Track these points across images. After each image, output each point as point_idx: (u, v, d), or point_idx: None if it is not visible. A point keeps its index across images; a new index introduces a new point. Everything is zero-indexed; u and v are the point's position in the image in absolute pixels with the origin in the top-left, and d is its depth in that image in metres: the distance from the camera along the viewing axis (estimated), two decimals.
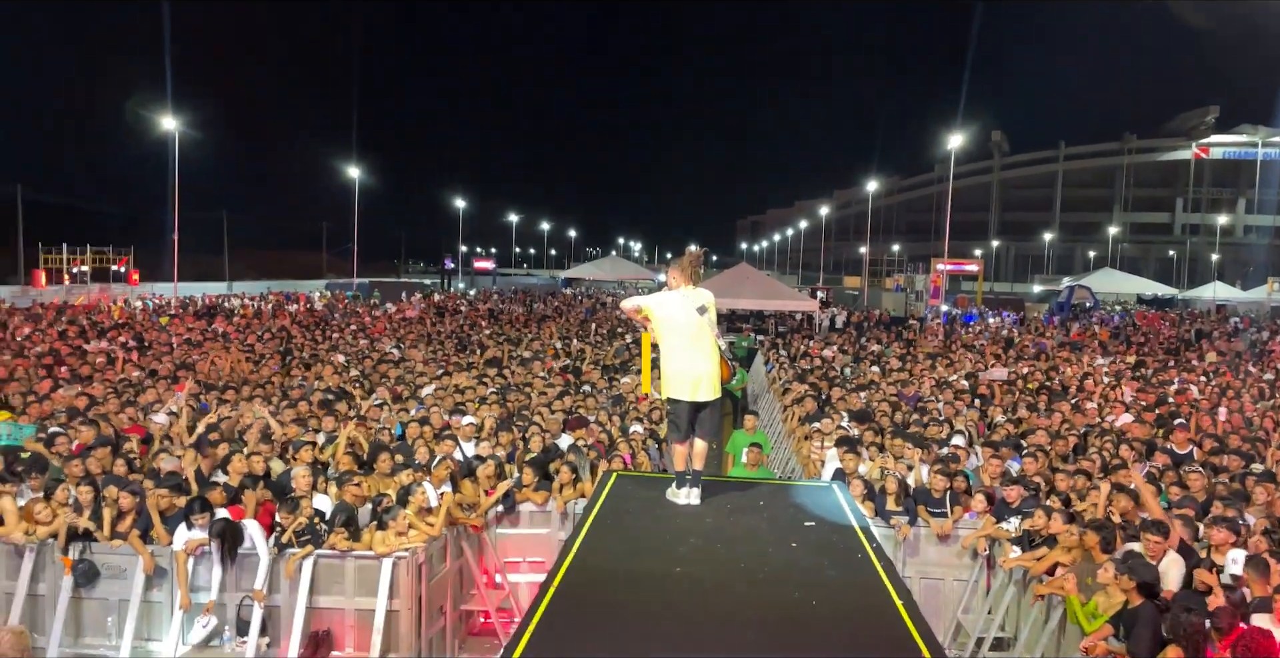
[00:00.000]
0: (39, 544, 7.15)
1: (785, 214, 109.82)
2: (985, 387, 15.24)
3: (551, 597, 4.39)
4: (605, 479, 6.84)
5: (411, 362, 16.34)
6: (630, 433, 10.63)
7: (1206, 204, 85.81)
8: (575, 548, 5.16)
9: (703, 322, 5.88)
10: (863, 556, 5.18)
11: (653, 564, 4.94)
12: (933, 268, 42.93)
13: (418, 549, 7.19)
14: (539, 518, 8.53)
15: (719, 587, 4.64)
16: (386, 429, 10.32)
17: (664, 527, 5.62)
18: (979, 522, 8.21)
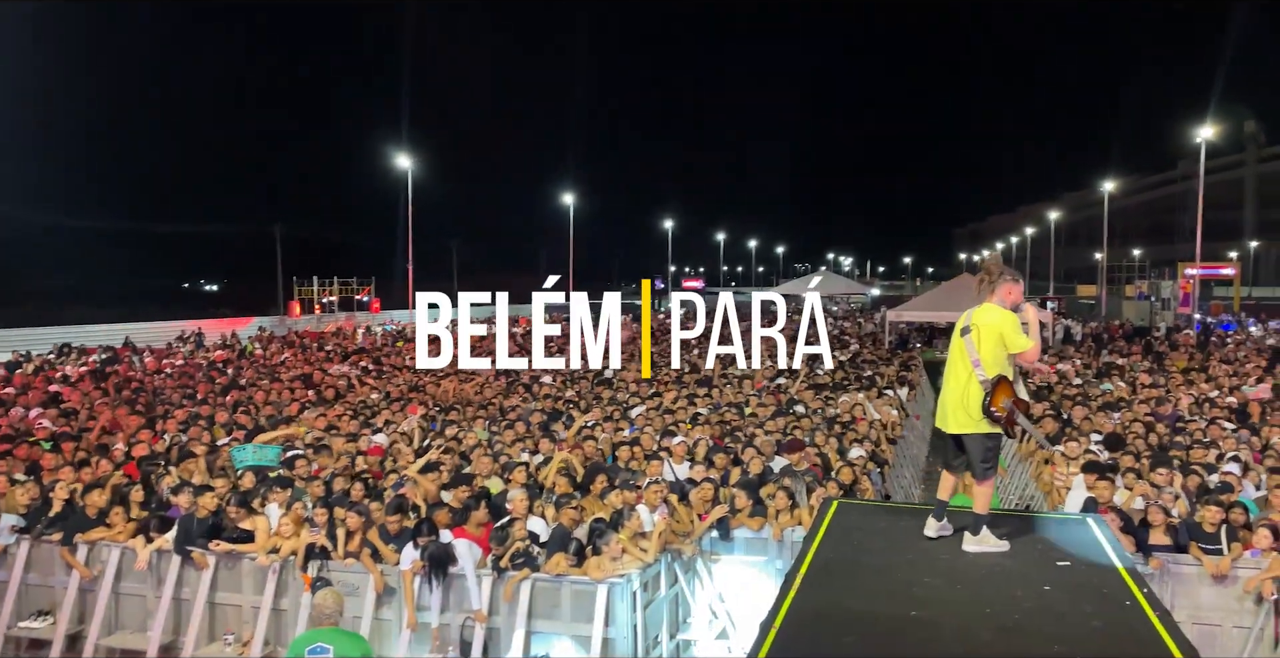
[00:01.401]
0: (281, 562, 7.58)
1: (1008, 220, 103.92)
2: (1254, 406, 13.47)
3: (772, 643, 4.06)
4: (825, 507, 6.43)
5: (623, 382, 16.46)
6: (852, 457, 10.11)
7: None
8: (796, 585, 4.81)
9: (960, 343, 5.30)
10: (1132, 603, 4.51)
11: (883, 606, 4.50)
12: (1180, 273, 39.13)
13: (633, 575, 7.04)
14: (755, 545, 8.19)
15: (961, 634, 4.15)
16: (600, 451, 10.34)
17: (894, 563, 5.15)
18: (1264, 561, 7.11)
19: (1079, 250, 79.44)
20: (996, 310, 5.22)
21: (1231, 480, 8.78)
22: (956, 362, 5.35)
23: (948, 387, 5.43)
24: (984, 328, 5.19)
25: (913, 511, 7.51)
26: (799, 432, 11.37)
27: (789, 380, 16.27)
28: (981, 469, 5.36)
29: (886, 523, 6.12)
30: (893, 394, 15.12)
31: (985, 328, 5.19)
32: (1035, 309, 5.44)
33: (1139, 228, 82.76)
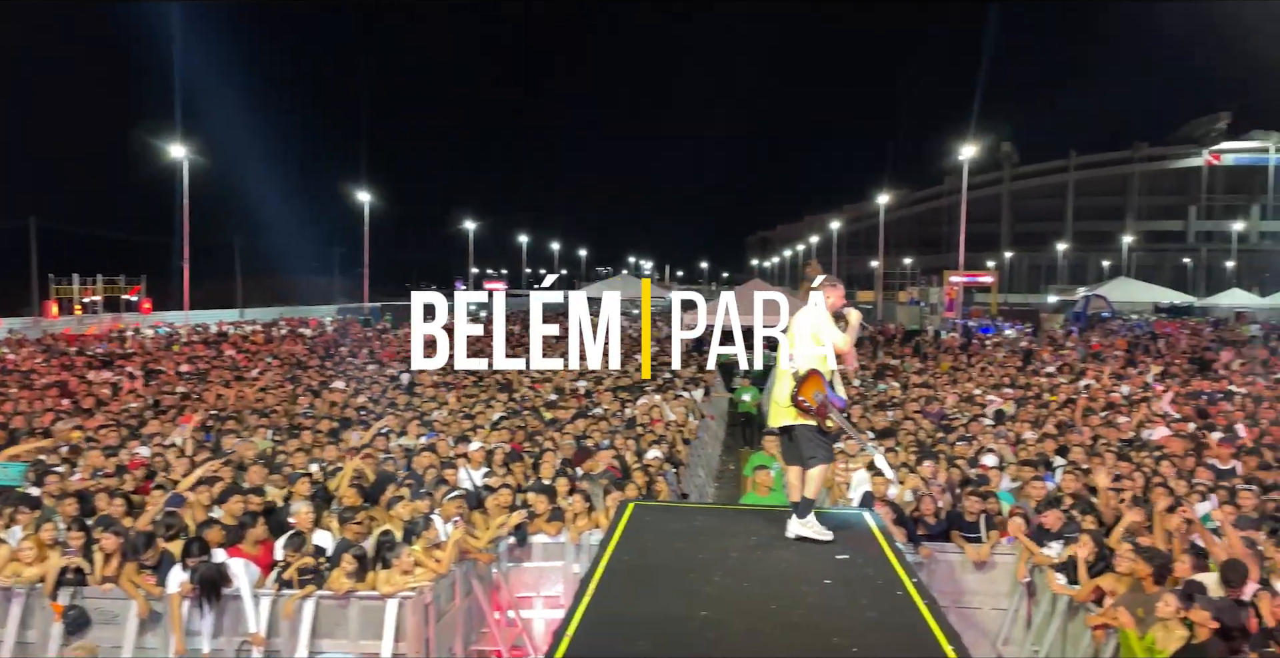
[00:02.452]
0: (28, 589, 6.79)
1: (795, 229, 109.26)
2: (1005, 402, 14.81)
3: (566, 649, 4.01)
4: (622, 510, 6.47)
5: (423, 386, 16.00)
6: (649, 459, 10.24)
7: (1220, 211, 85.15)
8: (591, 589, 4.79)
9: (781, 341, 5.76)
10: (903, 592, 4.79)
11: (675, 607, 4.55)
12: (946, 280, 42.50)
13: (425, 588, 6.80)
14: (552, 550, 8.14)
15: (749, 633, 4.26)
16: (393, 459, 9.95)
17: (688, 563, 5.23)
18: (1017, 546, 7.78)
19: (859, 258, 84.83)
20: (812, 310, 5.64)
21: (992, 474, 9.57)
22: (779, 360, 5.73)
23: (776, 382, 5.79)
24: (799, 324, 5.63)
25: (706, 510, 7.72)
26: (598, 433, 11.43)
27: (589, 383, 16.36)
28: (808, 459, 5.66)
29: (681, 524, 6.23)
30: (688, 396, 15.49)
31: (800, 325, 5.63)
32: (858, 314, 5.79)
33: (911, 238, 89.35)
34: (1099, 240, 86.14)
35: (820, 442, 5.72)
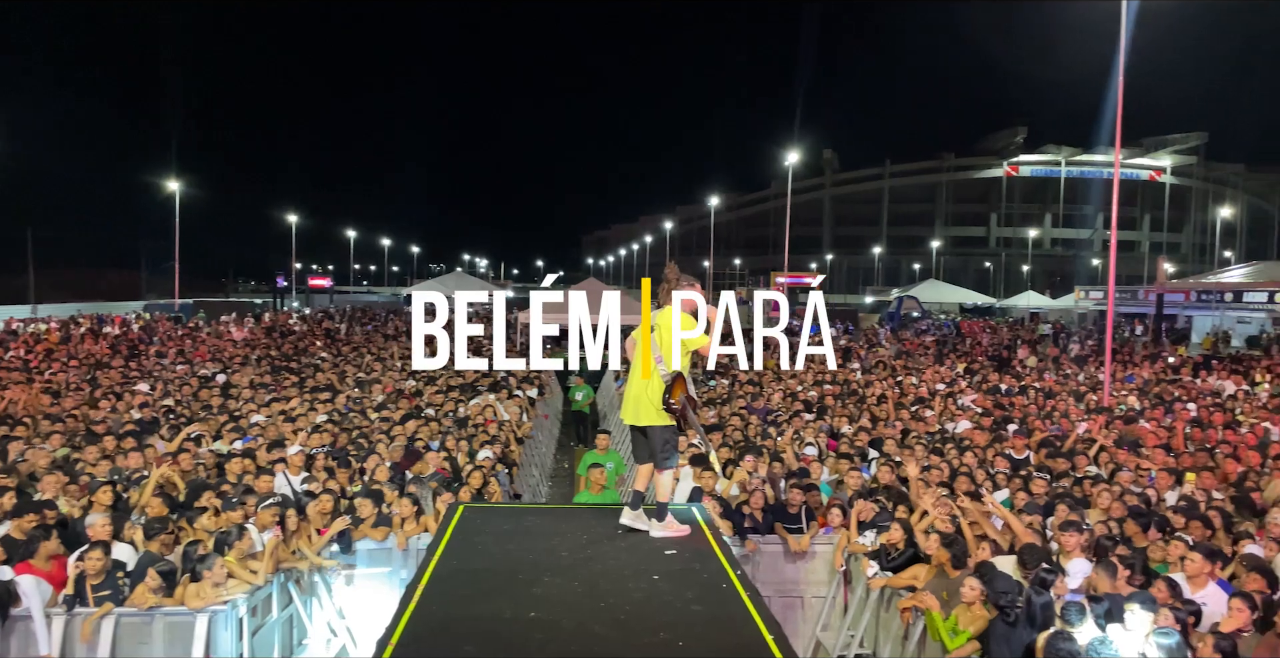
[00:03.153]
0: None
1: (630, 229, 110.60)
2: (827, 397, 15.52)
3: (390, 656, 3.89)
4: (451, 512, 6.34)
5: (238, 388, 15.18)
6: (481, 459, 10.10)
7: (1018, 219, 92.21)
8: (418, 595, 4.66)
9: (645, 342, 5.72)
10: (728, 585, 4.91)
11: (505, 609, 4.50)
12: (773, 280, 44.05)
13: (239, 601, 6.45)
14: (379, 556, 7.89)
15: (579, 632, 4.25)
16: (203, 465, 9.39)
17: (516, 565, 5.17)
18: (835, 536, 8.16)
19: (691, 258, 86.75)
20: (670, 310, 5.67)
21: (813, 466, 9.99)
22: (641, 358, 5.71)
23: (632, 383, 5.78)
24: (666, 327, 5.63)
25: (539, 510, 7.68)
26: (426, 432, 11.18)
27: (418, 383, 15.98)
28: (662, 459, 5.75)
29: (512, 525, 6.15)
30: (522, 395, 15.39)
31: (667, 327, 5.63)
32: (715, 310, 5.88)
33: (740, 239, 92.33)
34: (911, 244, 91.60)
35: (675, 444, 5.85)
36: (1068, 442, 11.13)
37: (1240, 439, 11.42)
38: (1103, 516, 7.79)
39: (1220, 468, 9.82)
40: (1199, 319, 38.76)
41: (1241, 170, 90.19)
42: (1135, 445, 11.02)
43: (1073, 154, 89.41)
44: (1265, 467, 10.08)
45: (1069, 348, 29.02)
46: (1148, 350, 27.86)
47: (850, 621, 7.73)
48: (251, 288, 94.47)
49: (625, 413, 5.93)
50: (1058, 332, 39.00)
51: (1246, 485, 9.21)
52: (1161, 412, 14.13)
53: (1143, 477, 9.42)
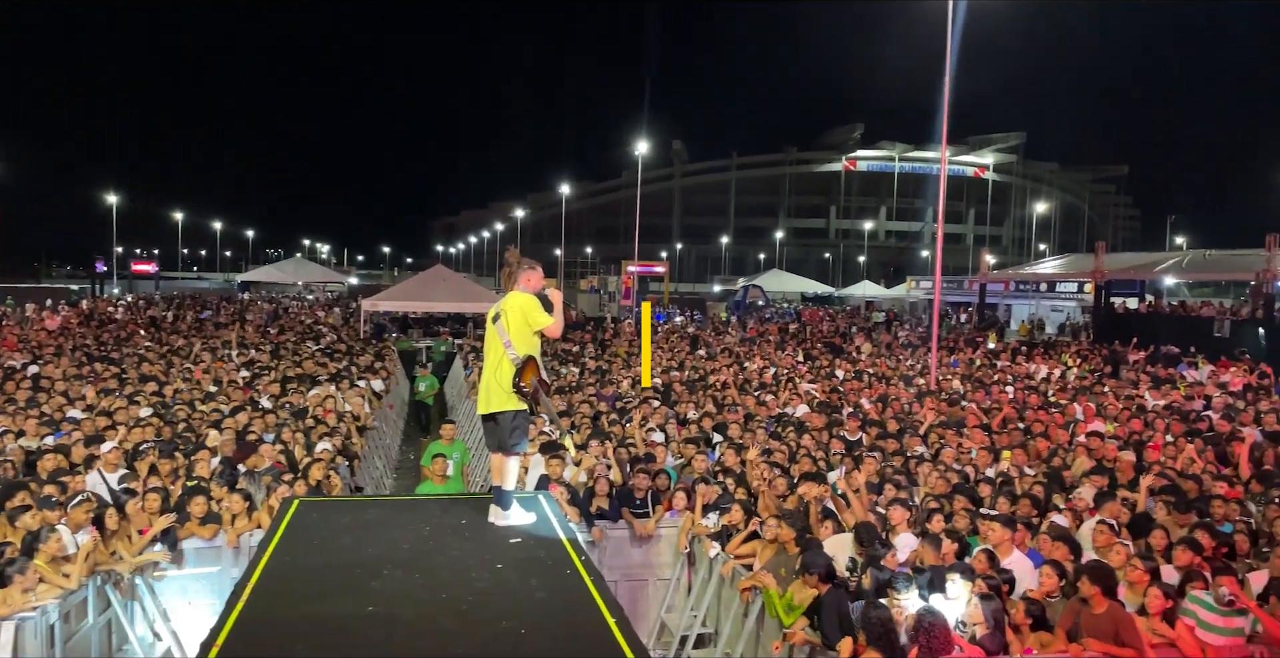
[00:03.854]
0: None
1: (480, 216, 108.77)
2: (674, 383, 15.80)
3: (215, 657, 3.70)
4: (286, 507, 6.09)
5: (50, 380, 14.05)
6: (318, 451, 9.74)
7: (855, 211, 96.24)
8: (247, 594, 4.45)
9: (493, 330, 5.68)
10: (572, 571, 4.92)
11: (341, 605, 4.35)
12: (624, 269, 44.37)
13: (50, 607, 5.99)
14: (207, 555, 7.50)
15: (419, 624, 4.16)
16: (11, 462, 8.66)
17: (357, 558, 5.02)
18: (680, 519, 8.30)
19: (542, 246, 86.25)
20: (520, 295, 5.65)
21: (659, 451, 10.14)
22: (491, 347, 5.69)
23: (485, 371, 5.74)
24: (511, 311, 5.59)
25: (378, 503, 7.47)
26: (261, 424, 10.69)
27: (253, 373, 15.25)
28: (510, 445, 5.70)
29: (350, 518, 5.97)
30: (365, 385, 14.93)
31: (512, 311, 5.59)
32: (558, 293, 5.90)
33: (592, 228, 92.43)
34: (756, 235, 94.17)
35: (524, 428, 5.81)
36: (893, 423, 11.75)
37: (1051, 419, 12.32)
38: (929, 492, 8.25)
39: (1033, 446, 10.56)
40: (1017, 307, 41.59)
41: (1056, 169, 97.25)
42: (958, 426, 11.72)
43: (906, 150, 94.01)
44: (1072, 444, 10.92)
45: (900, 335, 30.57)
46: (971, 337, 29.67)
47: (693, 601, 7.90)
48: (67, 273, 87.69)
49: (479, 402, 5.88)
50: (890, 320, 41.03)
51: (1055, 462, 9.94)
52: (982, 394, 15.08)
53: (964, 455, 10.03)
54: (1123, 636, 5.62)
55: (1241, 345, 23.38)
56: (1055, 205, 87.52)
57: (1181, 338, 24.87)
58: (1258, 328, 24.33)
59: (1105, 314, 30.67)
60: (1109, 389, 16.10)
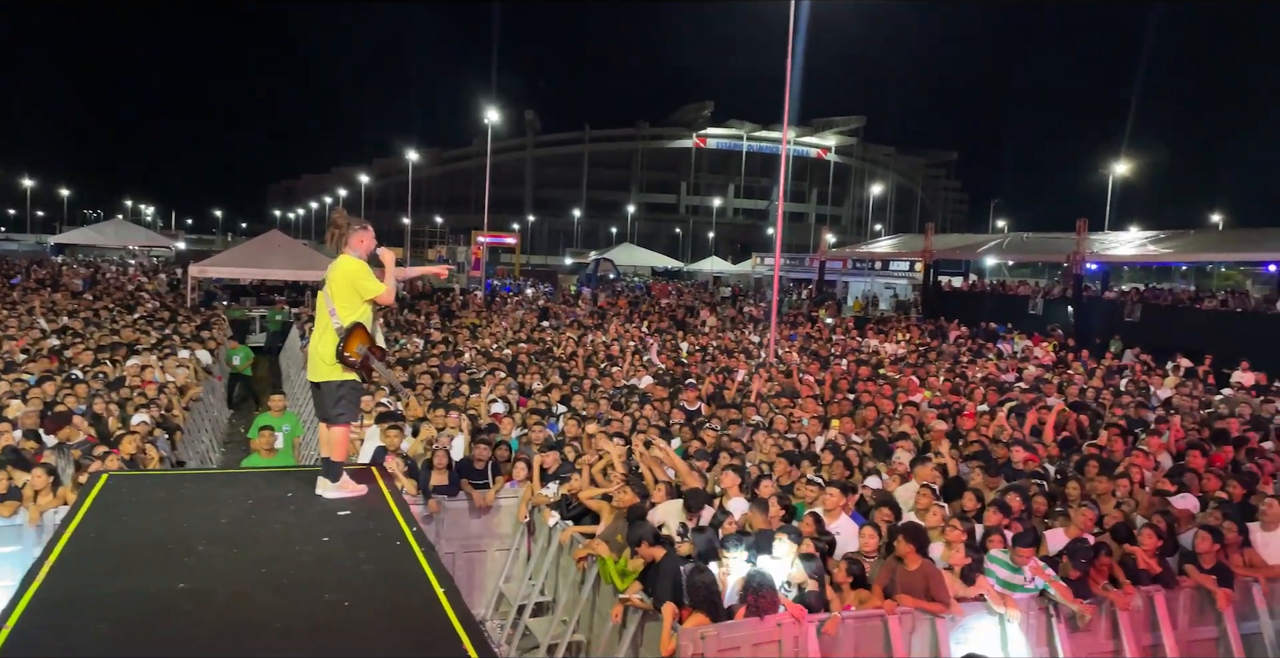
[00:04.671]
0: None
1: (322, 180, 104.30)
2: (521, 355, 15.72)
3: (4, 641, 3.43)
4: (93, 482, 5.70)
5: None
6: (134, 424, 9.17)
7: (704, 188, 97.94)
8: (44, 573, 4.14)
9: (321, 296, 5.43)
10: (402, 542, 4.83)
11: (150, 582, 4.12)
12: (474, 240, 43.66)
13: None
14: (8, 534, 6.96)
15: (235, 600, 3.98)
16: None
17: (167, 534, 4.75)
18: (520, 489, 8.29)
19: (389, 214, 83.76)
20: (348, 260, 5.36)
21: (505, 422, 10.07)
22: (319, 314, 5.45)
23: (311, 339, 5.53)
24: (337, 279, 5.33)
25: (197, 477, 7.11)
26: (72, 399, 9.96)
27: (65, 339, 14.19)
28: (335, 415, 5.48)
29: (165, 492, 5.66)
30: (190, 355, 14.14)
31: (338, 278, 5.33)
32: (390, 254, 5.60)
33: (441, 197, 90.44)
34: (609, 208, 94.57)
35: (350, 399, 5.57)
36: (730, 393, 12.11)
37: (878, 390, 12.96)
38: (762, 459, 8.55)
39: (861, 415, 11.08)
40: (854, 284, 43.46)
41: (892, 153, 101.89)
42: (793, 396, 12.17)
43: (754, 129, 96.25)
44: (897, 413, 11.52)
45: (744, 310, 31.43)
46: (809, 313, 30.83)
47: (532, 569, 7.92)
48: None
49: (308, 371, 5.66)
50: (735, 295, 42.10)
51: (880, 431, 10.48)
52: (817, 366, 15.70)
53: (797, 424, 10.43)
54: (933, 591, 6.02)
55: (1053, 322, 25.28)
56: (891, 188, 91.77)
57: (1000, 315, 26.64)
58: (1067, 306, 26.34)
59: (933, 292, 32.43)
60: (932, 362, 17.07)
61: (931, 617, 6.01)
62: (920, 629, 6.04)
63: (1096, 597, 6.38)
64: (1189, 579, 6.74)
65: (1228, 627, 6.71)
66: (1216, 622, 6.76)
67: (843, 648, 5.85)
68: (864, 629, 5.94)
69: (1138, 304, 25.45)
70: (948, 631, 6.02)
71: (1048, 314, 26.73)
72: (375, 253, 5.58)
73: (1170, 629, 6.50)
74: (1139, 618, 6.51)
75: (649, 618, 5.97)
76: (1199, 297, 29.33)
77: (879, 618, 5.95)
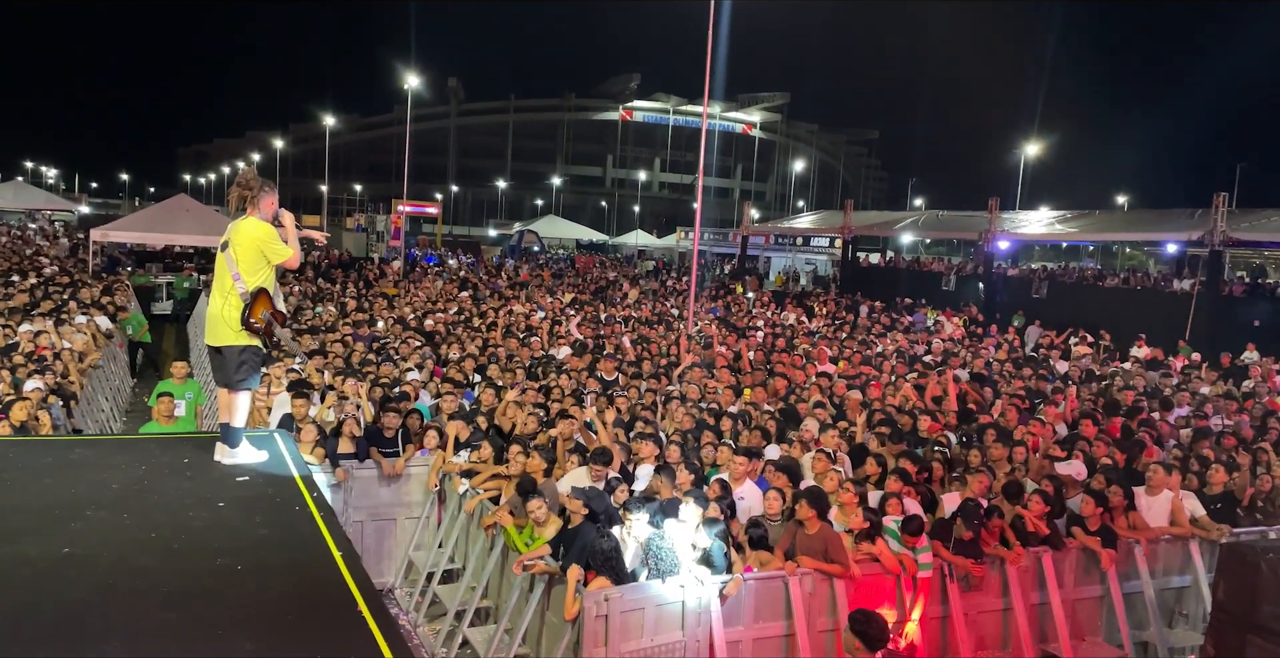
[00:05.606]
0: None
1: (235, 145, 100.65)
2: (433, 325, 15.57)
3: None
4: None
5: None
6: (26, 390, 8.81)
7: (631, 161, 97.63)
8: None
9: (221, 258, 5.28)
10: (301, 507, 4.77)
11: (32, 547, 3.99)
12: (394, 209, 42.84)
13: None
14: None
15: (119, 565, 3.89)
16: None
17: (53, 500, 4.61)
18: (431, 457, 8.24)
19: (306, 181, 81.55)
20: (255, 223, 5.23)
21: (413, 389, 9.98)
22: (219, 278, 5.31)
23: (211, 302, 5.38)
24: (243, 242, 5.20)
25: (89, 442, 6.89)
26: None
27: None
28: (236, 380, 5.38)
29: (54, 457, 5.49)
30: (88, 320, 13.63)
31: (244, 242, 5.20)
32: (290, 215, 5.47)
33: (361, 165, 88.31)
34: (534, 180, 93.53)
35: (251, 365, 5.45)
36: (644, 365, 12.22)
37: (791, 361, 13.20)
38: (676, 428, 8.65)
39: (773, 384, 11.28)
40: (776, 260, 43.98)
41: (815, 130, 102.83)
42: (709, 367, 12.31)
43: (680, 103, 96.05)
44: (808, 383, 11.76)
45: (666, 283, 31.57)
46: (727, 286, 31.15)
47: (441, 536, 7.89)
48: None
49: (206, 334, 5.52)
50: (659, 269, 42.25)
51: (791, 400, 10.69)
52: (734, 338, 15.90)
53: (711, 393, 10.57)
54: (831, 553, 6.19)
55: (965, 298, 26.03)
56: (813, 164, 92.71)
57: (915, 290, 27.32)
58: (978, 283, 27.12)
59: (850, 267, 33.04)
60: (845, 336, 17.45)
61: (831, 578, 6.19)
62: (819, 591, 6.22)
63: (989, 557, 6.64)
64: (1075, 541, 7.06)
65: (1110, 586, 7.07)
66: (1101, 581, 7.11)
67: (744, 609, 6.00)
68: (764, 591, 6.09)
69: (1045, 281, 26.36)
70: (845, 592, 6.21)
71: (960, 290, 27.50)
72: (277, 216, 5.45)
73: (1056, 588, 6.81)
74: (1027, 577, 6.81)
75: (555, 582, 6.03)
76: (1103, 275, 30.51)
77: (780, 580, 6.11)
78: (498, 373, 11.24)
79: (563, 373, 11.23)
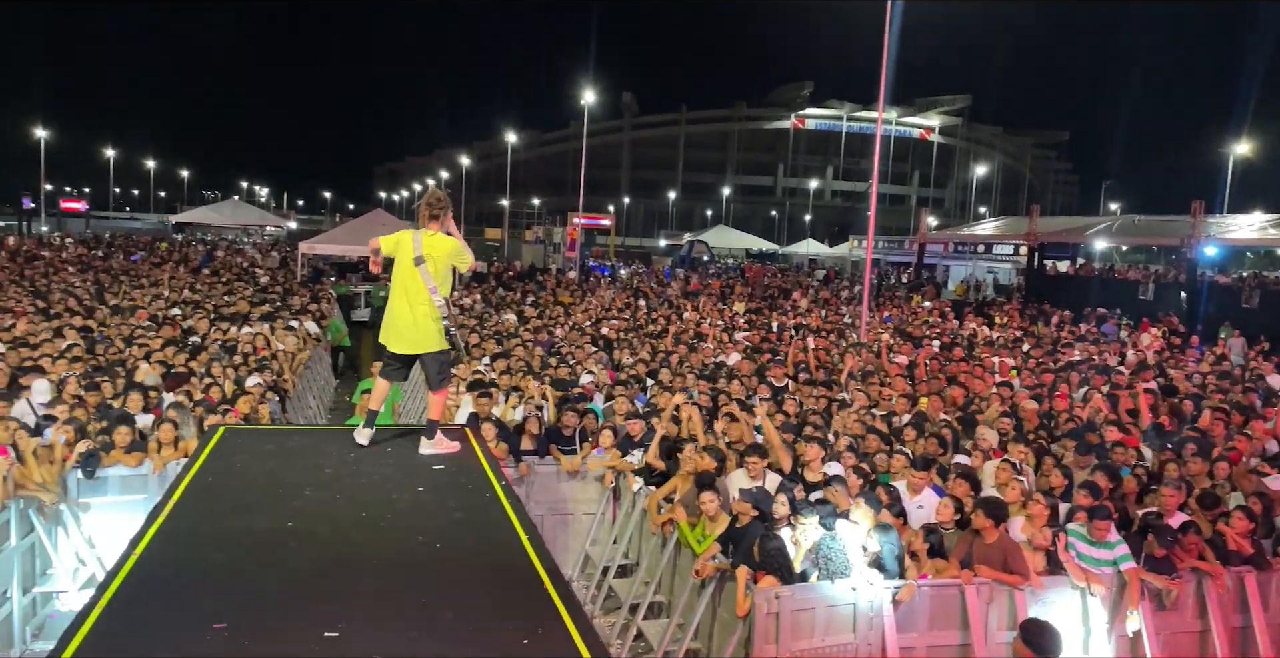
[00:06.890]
0: None
1: (424, 162, 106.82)
2: (610, 332, 16.00)
3: (131, 568, 3.80)
4: (211, 434, 6.15)
5: None
6: (249, 385, 9.74)
7: (802, 170, 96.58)
8: (167, 510, 4.56)
9: (416, 270, 5.65)
10: (491, 494, 5.10)
11: (259, 521, 4.48)
12: (570, 221, 44.20)
13: None
14: (133, 483, 7.52)
15: (335, 537, 4.31)
16: None
17: (279, 481, 5.13)
18: (607, 456, 8.53)
19: (488, 196, 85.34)
20: (445, 238, 5.70)
21: (590, 390, 10.35)
22: (409, 287, 5.69)
23: (398, 310, 5.77)
24: (438, 256, 5.65)
25: (303, 431, 7.57)
26: (194, 364, 10.64)
27: (188, 309, 15.09)
28: (438, 381, 5.90)
29: (275, 444, 6.07)
30: (299, 326, 14.86)
31: (439, 256, 5.65)
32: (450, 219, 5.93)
33: (538, 179, 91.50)
34: (704, 191, 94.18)
35: (450, 364, 6.05)
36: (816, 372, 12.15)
37: (970, 371, 12.77)
38: (842, 433, 8.59)
39: (949, 394, 10.97)
40: (955, 268, 42.44)
41: (999, 133, 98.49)
42: (881, 375, 12.10)
43: (854, 110, 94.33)
44: (987, 393, 11.35)
45: (839, 292, 31.09)
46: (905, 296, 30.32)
47: (616, 533, 8.16)
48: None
49: (398, 342, 5.89)
50: (830, 277, 41.62)
51: (971, 410, 10.36)
52: (910, 347, 15.53)
53: (885, 401, 10.40)
54: (1011, 563, 6.01)
55: (1164, 308, 24.28)
56: (997, 169, 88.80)
57: (1109, 300, 25.71)
58: (1180, 291, 25.24)
59: (1037, 275, 31.46)
60: (1028, 347, 16.69)
61: (1010, 589, 6.00)
62: (998, 601, 6.05)
63: (1186, 574, 6.26)
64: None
65: None
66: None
67: (918, 616, 5.91)
68: (940, 598, 5.98)
69: (1256, 290, 24.24)
70: (1027, 604, 6.01)
71: (1159, 300, 25.67)
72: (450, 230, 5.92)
73: (1261, 611, 6.34)
74: (1229, 599, 6.36)
75: (725, 579, 6.14)
76: None
77: (955, 588, 5.98)
78: (668, 377, 11.46)
79: (733, 378, 11.33)
